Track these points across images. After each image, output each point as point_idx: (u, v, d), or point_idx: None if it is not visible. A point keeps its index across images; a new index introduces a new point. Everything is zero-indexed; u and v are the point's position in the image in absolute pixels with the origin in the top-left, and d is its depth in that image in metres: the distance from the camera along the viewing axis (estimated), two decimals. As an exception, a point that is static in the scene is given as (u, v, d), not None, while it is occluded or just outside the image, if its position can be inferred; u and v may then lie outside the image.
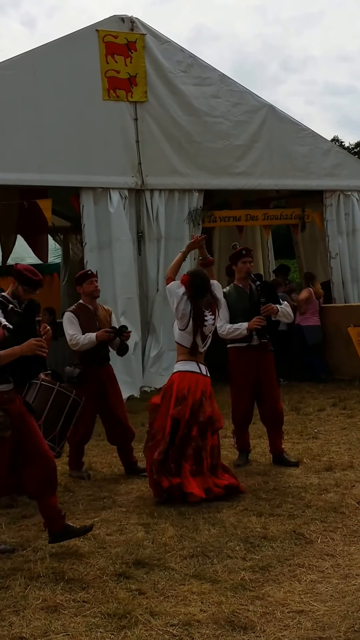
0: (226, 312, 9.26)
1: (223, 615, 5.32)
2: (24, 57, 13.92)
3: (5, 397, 6.51)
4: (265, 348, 9.35)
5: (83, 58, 14.31)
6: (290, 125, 16.27)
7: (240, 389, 9.42)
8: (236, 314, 9.25)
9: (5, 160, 13.35)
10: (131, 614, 5.37)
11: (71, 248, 21.57)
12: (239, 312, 9.26)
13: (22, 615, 5.45)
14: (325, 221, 16.62)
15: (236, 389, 9.48)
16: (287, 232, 21.14)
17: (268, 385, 9.44)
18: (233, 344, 9.39)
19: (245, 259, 9.44)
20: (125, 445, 9.32)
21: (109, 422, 9.30)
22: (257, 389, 9.40)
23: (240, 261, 9.42)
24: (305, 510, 7.55)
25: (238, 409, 9.49)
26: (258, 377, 9.35)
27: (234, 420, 9.59)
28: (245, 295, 9.37)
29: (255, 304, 9.25)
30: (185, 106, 15.20)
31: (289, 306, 9.63)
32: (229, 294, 9.40)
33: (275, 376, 9.61)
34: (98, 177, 14.31)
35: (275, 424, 9.51)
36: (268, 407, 9.47)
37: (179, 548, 6.65)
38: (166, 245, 15.03)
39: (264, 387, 9.41)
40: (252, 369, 9.29)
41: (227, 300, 9.28)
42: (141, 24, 14.88)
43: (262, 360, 9.37)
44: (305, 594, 5.67)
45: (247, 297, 9.36)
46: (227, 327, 9.21)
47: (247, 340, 9.23)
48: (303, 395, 13.79)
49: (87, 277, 9.41)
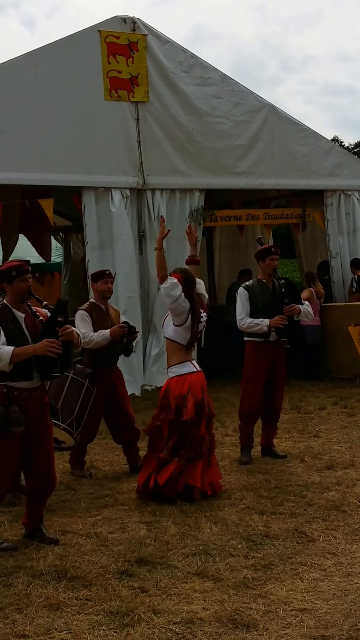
0: (247, 305, 9.36)
1: (225, 613, 5.33)
2: (26, 57, 13.93)
3: (25, 394, 6.58)
4: (280, 345, 9.43)
5: (85, 58, 14.32)
6: (291, 125, 16.28)
7: (252, 383, 9.48)
8: (257, 308, 9.32)
9: (8, 159, 13.36)
10: (134, 611, 5.38)
11: (72, 247, 21.57)
12: (260, 306, 9.33)
13: (25, 613, 5.46)
14: (325, 221, 16.63)
15: (248, 383, 9.53)
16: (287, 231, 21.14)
17: (278, 382, 9.62)
18: (250, 337, 9.47)
19: (273, 256, 9.51)
20: (132, 445, 9.33)
21: (117, 423, 9.29)
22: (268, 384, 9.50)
23: (269, 258, 9.48)
24: (307, 508, 7.57)
25: (248, 403, 9.55)
26: (271, 372, 9.45)
27: (241, 414, 9.64)
28: (268, 291, 9.43)
29: (277, 301, 9.32)
30: (187, 106, 15.20)
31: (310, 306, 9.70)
32: (252, 287, 9.50)
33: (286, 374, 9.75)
34: (100, 177, 14.32)
35: (274, 419, 9.76)
36: (272, 403, 9.63)
37: (181, 546, 6.66)
38: (167, 245, 14.92)
39: (274, 383, 9.56)
40: (266, 364, 9.40)
41: (249, 293, 9.40)
42: (143, 24, 14.88)
43: (277, 357, 9.48)
44: (307, 592, 5.69)
45: (269, 293, 9.42)
46: (248, 321, 9.29)
47: (265, 336, 9.29)
48: (304, 394, 13.79)
49: (103, 276, 9.39)
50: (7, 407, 6.46)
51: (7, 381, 6.53)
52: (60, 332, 6.55)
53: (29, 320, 6.70)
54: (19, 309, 6.71)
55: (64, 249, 22.46)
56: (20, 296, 6.71)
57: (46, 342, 6.44)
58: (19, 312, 6.69)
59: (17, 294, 6.70)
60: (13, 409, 6.47)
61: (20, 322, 6.66)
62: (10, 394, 6.53)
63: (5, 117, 13.40)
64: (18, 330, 6.60)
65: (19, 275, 6.67)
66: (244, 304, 9.38)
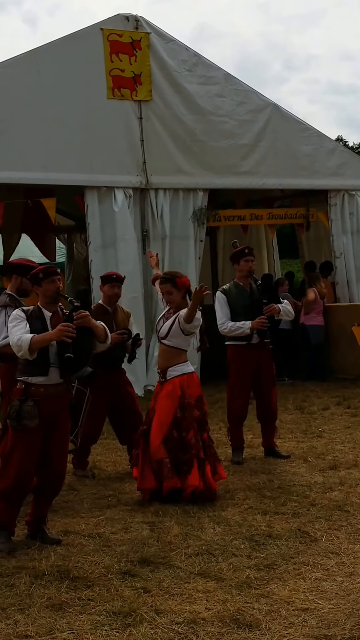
0: (227, 309, 9.33)
1: (228, 613, 5.31)
2: (29, 55, 13.93)
3: (42, 390, 6.64)
4: (264, 346, 9.40)
5: (87, 57, 14.31)
6: (295, 124, 16.27)
7: (237, 387, 9.47)
8: (236, 311, 9.30)
9: (10, 159, 13.36)
10: (136, 612, 5.36)
11: (75, 247, 21.58)
12: (239, 309, 9.30)
13: (27, 613, 5.44)
14: (330, 221, 16.61)
15: (233, 386, 9.52)
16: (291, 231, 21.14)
17: (266, 383, 9.56)
18: (232, 341, 9.43)
19: (247, 257, 9.46)
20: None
21: (124, 424, 9.22)
22: (255, 386, 9.49)
23: (243, 260, 9.43)
24: (310, 508, 7.55)
25: (234, 406, 9.54)
26: (256, 375, 9.44)
27: (229, 417, 9.63)
28: (246, 293, 9.41)
29: (256, 303, 9.28)
30: (190, 105, 15.19)
31: (290, 304, 9.67)
32: (229, 290, 9.46)
33: (274, 373, 9.72)
34: (102, 176, 14.32)
35: (270, 419, 9.71)
36: (265, 404, 9.63)
37: (184, 546, 6.64)
38: (171, 244, 15.03)
39: (262, 384, 9.53)
40: (251, 366, 9.37)
41: (227, 297, 9.38)
42: (146, 22, 14.87)
43: (261, 358, 9.44)
44: (310, 591, 5.67)
45: (247, 296, 9.39)
46: (229, 325, 9.25)
47: (247, 339, 9.27)
48: (307, 394, 13.78)
49: (109, 280, 9.37)
50: (22, 402, 6.56)
51: (26, 376, 6.65)
52: (75, 316, 6.58)
53: (56, 320, 6.74)
54: (49, 309, 6.82)
55: (67, 249, 22.47)
56: (50, 297, 6.82)
57: (60, 326, 6.51)
58: (47, 311, 6.80)
59: (46, 295, 6.81)
60: (28, 403, 6.54)
61: (47, 319, 6.74)
62: (27, 389, 6.62)
63: (7, 116, 13.40)
64: (42, 327, 6.67)
65: (46, 277, 6.79)
66: (223, 309, 9.34)
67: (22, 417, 6.53)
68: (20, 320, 6.69)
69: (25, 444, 6.61)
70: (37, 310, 6.80)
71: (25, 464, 6.63)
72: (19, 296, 8.21)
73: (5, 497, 6.71)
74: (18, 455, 6.62)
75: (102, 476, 9.13)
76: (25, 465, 6.63)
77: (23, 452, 6.61)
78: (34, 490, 6.98)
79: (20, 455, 6.61)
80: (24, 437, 6.60)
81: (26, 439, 6.61)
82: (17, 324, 6.66)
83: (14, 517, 6.86)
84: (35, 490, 6.96)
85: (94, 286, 14.12)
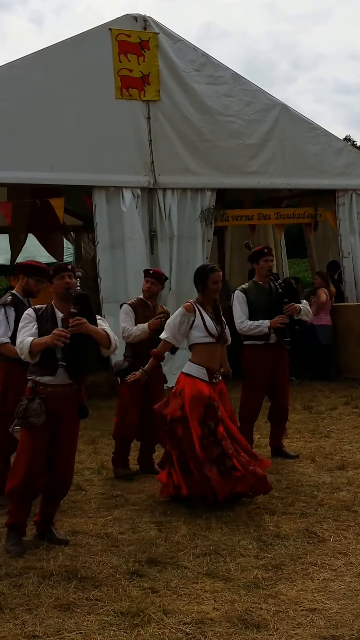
0: (246, 308, 9.32)
1: (236, 614, 5.32)
2: (37, 55, 13.93)
3: (49, 390, 6.67)
4: (281, 345, 9.39)
5: (96, 57, 14.31)
6: (303, 124, 16.24)
7: (255, 386, 9.44)
8: (256, 311, 9.28)
9: (18, 159, 13.37)
10: (144, 612, 5.37)
11: (83, 247, 21.59)
12: (259, 309, 9.29)
13: (35, 613, 5.46)
14: (338, 220, 16.58)
15: (250, 386, 9.47)
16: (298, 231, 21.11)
17: (281, 383, 9.58)
18: (250, 341, 9.40)
19: (267, 257, 9.49)
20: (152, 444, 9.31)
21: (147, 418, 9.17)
22: (270, 386, 9.46)
23: (262, 259, 9.45)
24: (317, 508, 7.55)
25: (250, 406, 9.51)
26: (273, 374, 9.41)
27: (242, 417, 9.57)
28: (266, 292, 9.40)
29: (276, 302, 9.27)
30: (198, 105, 15.18)
31: (308, 304, 9.67)
32: (249, 289, 9.45)
33: (287, 373, 9.70)
34: (110, 176, 14.31)
35: (282, 419, 9.75)
36: (278, 404, 9.64)
37: (192, 546, 6.65)
38: (179, 244, 15.02)
39: (278, 384, 9.54)
40: (267, 366, 9.36)
41: (247, 296, 9.36)
42: (154, 22, 14.86)
43: (278, 358, 9.45)
44: (318, 592, 5.67)
45: (267, 295, 9.38)
46: (248, 324, 9.24)
47: (265, 339, 9.26)
48: (315, 394, 13.77)
49: (146, 275, 9.43)
50: (30, 401, 6.59)
51: (35, 376, 6.69)
52: (71, 323, 6.57)
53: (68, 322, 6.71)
54: (61, 309, 6.79)
55: (74, 249, 22.48)
56: (60, 294, 6.80)
57: (54, 331, 6.51)
58: (60, 312, 6.78)
59: (57, 292, 6.81)
60: (36, 401, 6.57)
61: (58, 321, 6.72)
62: (36, 388, 6.66)
63: (15, 116, 13.41)
64: (52, 328, 6.62)
65: (56, 273, 6.82)
66: (242, 307, 9.32)
67: (29, 415, 6.55)
68: (28, 321, 6.70)
69: (33, 442, 6.63)
70: (49, 310, 6.78)
71: (34, 463, 6.64)
72: (25, 296, 8.23)
73: (15, 496, 6.74)
74: (26, 454, 6.65)
75: (109, 476, 9.12)
76: (33, 464, 6.64)
77: (31, 450, 6.63)
78: (42, 491, 7.00)
79: (28, 454, 6.63)
80: (31, 436, 6.63)
81: (33, 438, 6.63)
82: (25, 325, 6.69)
83: (25, 517, 6.87)
84: (43, 491, 6.97)
85: (102, 286, 14.13)
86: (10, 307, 8.05)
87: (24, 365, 7.08)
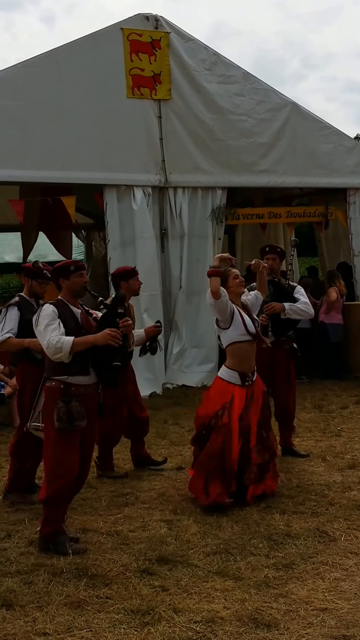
0: None
1: (246, 613, 5.32)
2: (49, 55, 13.94)
3: (82, 390, 6.60)
4: (279, 346, 9.35)
5: (107, 56, 14.31)
6: (314, 123, 16.21)
7: None
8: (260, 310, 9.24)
9: (30, 158, 13.38)
10: (154, 610, 5.38)
11: (94, 245, 21.62)
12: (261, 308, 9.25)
13: (46, 611, 5.47)
14: (348, 219, 16.56)
15: None
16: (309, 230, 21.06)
17: (281, 383, 9.52)
18: None
19: (268, 255, 9.46)
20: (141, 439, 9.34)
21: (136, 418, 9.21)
22: (271, 386, 9.40)
23: (264, 258, 9.42)
24: (328, 508, 7.54)
25: None
26: (272, 375, 9.35)
27: None
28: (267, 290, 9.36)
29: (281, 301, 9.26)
30: (209, 104, 15.17)
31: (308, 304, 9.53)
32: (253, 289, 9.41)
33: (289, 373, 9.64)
34: (122, 175, 14.32)
35: (287, 419, 9.69)
36: (281, 403, 9.59)
37: (202, 545, 6.65)
38: (189, 243, 15.03)
39: (277, 384, 9.48)
40: (265, 367, 9.25)
41: None
42: (166, 22, 14.86)
43: (276, 358, 9.39)
44: (329, 591, 5.67)
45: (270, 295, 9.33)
46: None
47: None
48: (326, 393, 13.75)
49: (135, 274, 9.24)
50: (67, 403, 6.47)
51: (65, 376, 6.57)
52: (121, 323, 6.61)
53: (84, 317, 6.76)
54: (74, 305, 6.76)
55: (85, 247, 22.51)
56: (76, 291, 6.78)
57: (108, 331, 6.48)
58: (75, 308, 6.75)
59: (73, 288, 6.75)
60: (74, 403, 6.48)
61: (77, 317, 6.71)
62: (67, 389, 6.53)
63: (27, 115, 13.42)
64: (76, 325, 6.62)
65: (77, 270, 6.76)
66: None
67: (75, 419, 6.46)
68: (53, 319, 6.53)
69: (72, 445, 6.57)
70: (65, 307, 6.67)
71: (73, 465, 6.59)
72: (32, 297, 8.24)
73: (56, 501, 6.65)
74: (67, 457, 6.55)
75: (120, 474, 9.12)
76: (73, 466, 6.59)
77: (70, 453, 6.57)
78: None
79: (69, 457, 6.56)
80: (67, 439, 6.54)
81: (72, 440, 6.56)
82: (51, 323, 6.50)
83: (62, 520, 6.81)
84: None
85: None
86: (13, 307, 8.09)
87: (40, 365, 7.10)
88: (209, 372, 14.49)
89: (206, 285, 8.16)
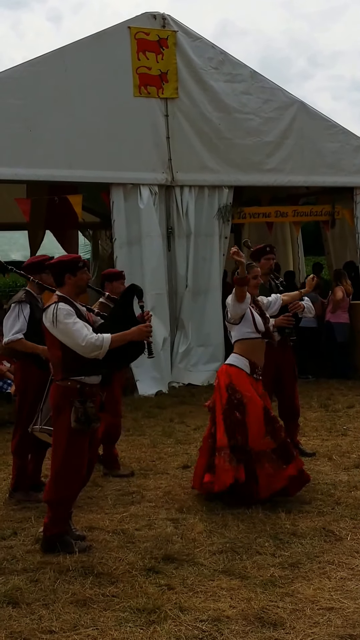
0: None
1: (252, 612, 5.32)
2: (56, 53, 13.94)
3: (94, 390, 6.59)
4: (285, 343, 9.36)
5: (114, 55, 14.31)
6: (321, 121, 16.19)
7: None
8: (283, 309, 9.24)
9: (37, 156, 13.38)
10: (160, 609, 5.38)
11: (100, 244, 21.63)
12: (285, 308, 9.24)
13: (52, 609, 5.47)
14: (355, 218, 16.54)
15: None
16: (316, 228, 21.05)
17: (288, 380, 9.52)
18: None
19: (268, 255, 9.49)
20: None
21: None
22: (277, 384, 9.40)
23: (264, 258, 9.45)
24: (334, 507, 7.54)
25: None
26: (278, 373, 9.34)
27: None
28: (266, 290, 9.37)
29: None
30: (216, 103, 15.16)
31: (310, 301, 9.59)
32: None
33: (294, 370, 9.66)
34: (128, 173, 14.32)
35: (293, 417, 9.64)
36: (287, 402, 9.57)
37: (208, 544, 6.65)
38: (196, 242, 15.02)
39: (284, 382, 9.47)
40: (272, 365, 9.23)
41: None
42: (173, 20, 14.85)
43: (283, 356, 9.38)
44: (335, 591, 5.66)
45: (267, 293, 9.34)
46: None
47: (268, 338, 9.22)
48: (332, 392, 13.73)
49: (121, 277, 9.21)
50: (83, 403, 6.43)
51: (81, 377, 6.51)
52: (146, 316, 6.66)
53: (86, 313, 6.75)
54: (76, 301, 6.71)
55: (92, 246, 22.52)
56: (82, 287, 6.76)
57: (142, 327, 6.53)
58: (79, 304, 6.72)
59: (79, 285, 6.70)
60: (89, 404, 6.46)
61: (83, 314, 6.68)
62: (83, 389, 6.49)
63: (34, 113, 13.42)
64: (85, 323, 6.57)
65: (83, 266, 6.75)
66: None
67: (92, 420, 6.46)
68: (76, 316, 6.45)
69: (83, 446, 6.56)
70: (72, 304, 6.57)
71: (82, 467, 6.60)
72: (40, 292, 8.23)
73: (61, 502, 6.65)
74: (77, 459, 6.55)
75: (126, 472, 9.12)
76: (82, 468, 6.60)
77: (81, 454, 6.56)
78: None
79: (79, 458, 6.55)
80: (80, 441, 6.53)
81: (82, 442, 6.55)
82: (77, 321, 6.41)
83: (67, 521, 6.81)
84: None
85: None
86: (25, 304, 8.06)
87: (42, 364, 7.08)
88: (215, 371, 14.38)
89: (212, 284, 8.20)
